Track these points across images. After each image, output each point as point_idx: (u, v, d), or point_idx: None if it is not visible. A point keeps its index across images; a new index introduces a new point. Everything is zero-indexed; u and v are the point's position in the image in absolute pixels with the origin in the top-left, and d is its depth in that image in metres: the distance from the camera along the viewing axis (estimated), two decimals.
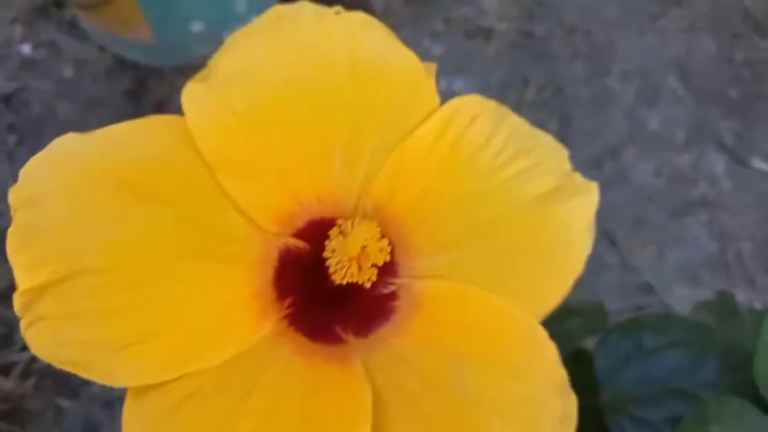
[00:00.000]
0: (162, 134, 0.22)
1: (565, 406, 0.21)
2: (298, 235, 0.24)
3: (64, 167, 0.20)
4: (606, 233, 0.90)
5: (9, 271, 0.67)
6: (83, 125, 0.94)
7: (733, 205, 0.94)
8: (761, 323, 0.32)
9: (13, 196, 0.20)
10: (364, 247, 0.22)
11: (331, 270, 0.23)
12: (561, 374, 0.21)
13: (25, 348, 0.81)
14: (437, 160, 0.24)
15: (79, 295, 0.19)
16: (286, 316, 0.23)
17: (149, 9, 0.84)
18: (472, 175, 0.24)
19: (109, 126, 0.21)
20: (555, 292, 0.23)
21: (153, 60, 0.96)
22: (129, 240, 0.20)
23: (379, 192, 0.24)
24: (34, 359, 0.81)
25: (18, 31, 0.98)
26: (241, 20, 0.97)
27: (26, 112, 0.94)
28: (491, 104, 0.24)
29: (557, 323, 0.23)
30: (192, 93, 0.22)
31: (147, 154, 0.21)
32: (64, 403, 0.80)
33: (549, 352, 0.22)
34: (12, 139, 0.92)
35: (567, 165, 0.24)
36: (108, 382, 0.19)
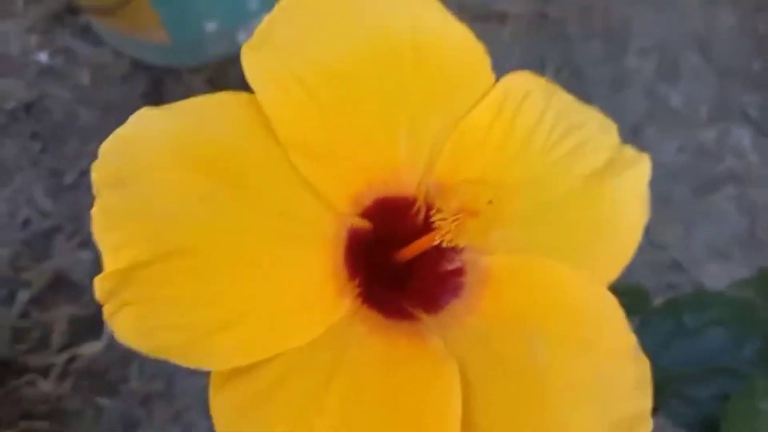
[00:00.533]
0: (237, 111, 0.21)
1: (639, 369, 0.22)
2: (364, 214, 0.24)
3: (146, 145, 0.20)
4: None
5: (41, 276, 0.68)
6: (104, 130, 0.94)
7: (760, 178, 0.93)
8: None
9: (97, 174, 0.19)
10: (491, 202, 0.22)
11: (435, 232, 0.23)
12: (631, 340, 0.22)
13: (62, 349, 0.83)
14: (495, 139, 0.24)
15: (165, 279, 0.19)
16: (358, 295, 0.23)
17: (163, 10, 0.84)
18: (529, 154, 0.24)
19: (184, 101, 0.21)
20: (618, 262, 0.24)
21: (169, 61, 0.96)
22: (213, 222, 0.20)
23: (442, 171, 0.24)
24: (71, 360, 0.83)
25: (34, 39, 0.99)
26: (255, 18, 0.97)
27: (47, 120, 0.95)
28: (541, 80, 0.25)
29: None
30: (253, 63, 0.22)
31: (224, 132, 0.21)
32: (103, 401, 0.81)
33: (618, 318, 0.22)
34: (36, 146, 0.93)
35: (616, 138, 0.25)
36: (200, 366, 0.19)
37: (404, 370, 0.22)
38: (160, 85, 0.96)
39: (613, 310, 0.22)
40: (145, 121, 0.20)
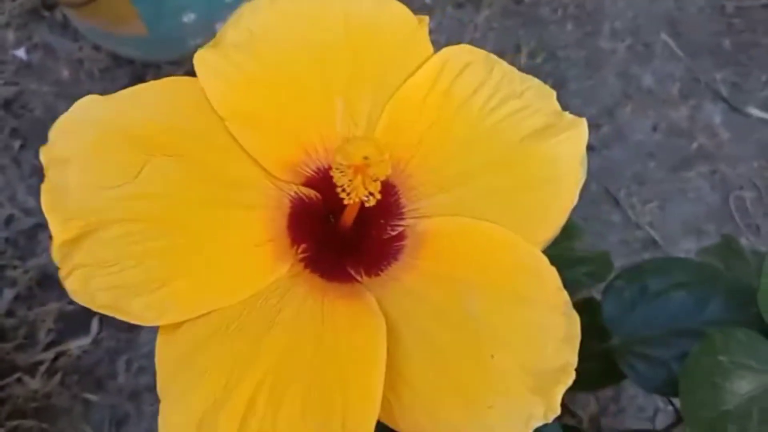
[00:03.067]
0: (177, 93, 0.24)
1: (569, 325, 0.22)
2: (308, 184, 0.25)
3: (88, 128, 0.22)
4: (608, 192, 0.90)
5: (26, 273, 0.68)
6: None
7: (732, 155, 0.95)
8: (765, 259, 0.33)
9: (44, 156, 0.22)
10: (366, 157, 0.23)
11: (339, 189, 0.24)
12: (563, 297, 0.23)
13: (48, 347, 0.83)
14: (432, 106, 0.25)
15: (109, 244, 0.21)
16: (301, 260, 0.24)
17: (140, 3, 0.84)
18: (466, 119, 0.25)
19: (127, 88, 0.23)
20: (552, 222, 0.25)
21: (148, 55, 0.96)
22: (152, 192, 0.22)
23: (380, 139, 0.25)
24: (58, 357, 0.83)
25: (11, 35, 0.98)
26: (232, 9, 0.97)
27: (28, 116, 0.94)
28: (481, 53, 0.26)
29: (564, 272, 0.24)
30: (203, 57, 0.24)
31: (164, 111, 0.23)
32: (91, 397, 0.81)
33: (551, 276, 0.23)
34: (16, 143, 0.93)
35: (556, 105, 0.26)
36: (140, 322, 0.21)
37: (336, 327, 0.23)
38: (141, 79, 0.96)
39: (546, 269, 0.23)
40: (90, 106, 0.22)
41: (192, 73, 0.24)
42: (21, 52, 0.97)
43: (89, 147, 0.22)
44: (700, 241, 0.89)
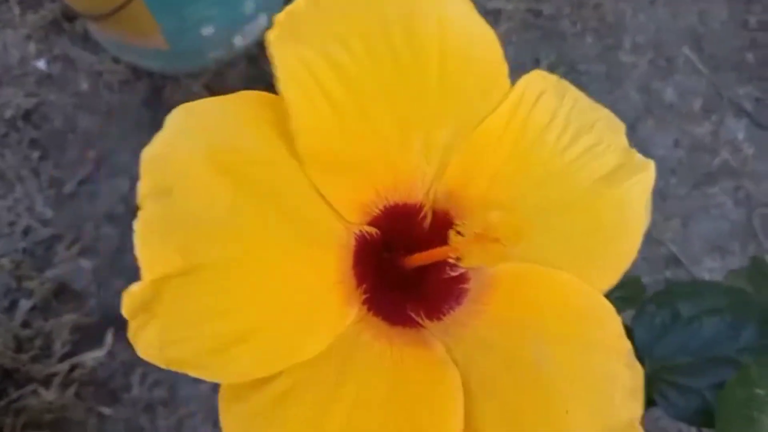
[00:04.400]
0: (259, 115, 0.21)
1: (634, 376, 0.22)
2: (372, 222, 0.24)
3: (183, 153, 0.19)
4: None
5: (43, 284, 0.68)
6: (104, 136, 0.95)
7: (756, 171, 0.93)
8: None
9: (142, 184, 0.19)
10: (499, 238, 0.21)
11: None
12: (627, 345, 0.22)
13: (63, 358, 0.83)
14: (508, 143, 0.24)
15: (191, 291, 0.19)
16: (364, 302, 0.23)
17: (161, 16, 0.84)
18: (540, 158, 0.24)
19: (211, 99, 0.20)
20: (618, 268, 0.24)
21: (167, 67, 0.96)
22: (238, 232, 0.20)
23: (452, 178, 0.24)
24: (73, 369, 0.83)
25: (32, 47, 0.99)
26: (250, 22, 0.98)
27: (47, 127, 0.95)
28: (552, 78, 0.25)
29: None
30: (280, 55, 0.21)
31: (248, 138, 0.20)
32: (106, 410, 0.81)
33: (615, 324, 0.22)
34: (35, 154, 0.93)
35: (625, 140, 0.25)
36: (215, 379, 0.19)
37: (408, 376, 0.22)
38: (160, 91, 0.96)
39: (609, 315, 0.23)
40: (179, 125, 0.20)
41: (209, 85, 0.23)
42: (41, 64, 0.98)
43: (182, 176, 0.19)
44: (724, 259, 0.87)
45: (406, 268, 0.25)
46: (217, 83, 0.94)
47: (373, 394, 0.21)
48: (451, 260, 0.24)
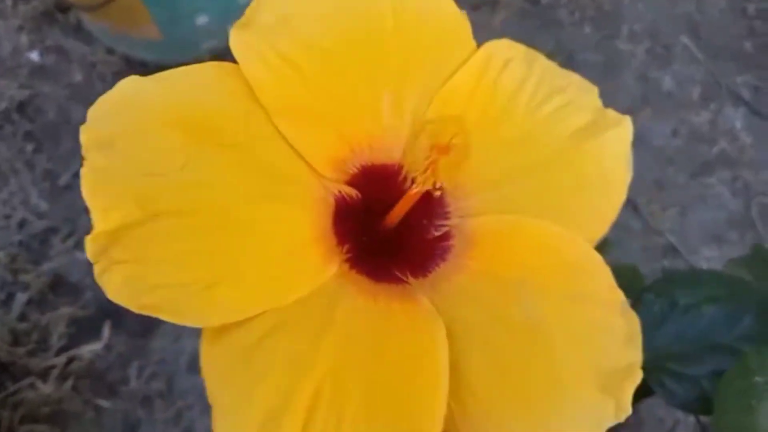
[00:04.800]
0: (221, 79, 0.22)
1: (629, 324, 0.22)
2: (351, 182, 0.24)
3: (133, 109, 0.20)
4: (627, 198, 0.89)
5: (39, 277, 0.67)
6: None
7: (754, 160, 0.93)
8: None
9: (85, 135, 0.19)
10: (454, 137, 0.22)
11: (405, 176, 0.23)
12: (618, 295, 0.22)
13: (60, 351, 0.83)
14: (478, 101, 0.25)
15: (154, 239, 0.19)
16: (346, 260, 0.23)
17: (154, 5, 0.84)
18: (512, 115, 0.25)
19: (170, 70, 0.21)
20: (602, 220, 0.24)
21: (161, 58, 0.96)
22: (200, 183, 0.20)
23: (425, 137, 0.24)
24: (70, 362, 0.83)
25: (25, 38, 0.98)
26: (244, 11, 0.97)
27: (41, 119, 0.94)
28: (521, 47, 0.25)
29: None
30: (239, 41, 0.22)
31: (210, 97, 0.21)
32: (103, 403, 0.81)
33: (604, 274, 0.22)
34: (30, 146, 0.93)
35: (598, 101, 0.25)
36: (186, 323, 0.19)
37: (393, 328, 0.22)
38: None
39: (599, 266, 0.23)
40: (132, 84, 0.20)
41: None
42: (34, 55, 0.97)
43: (135, 129, 0.20)
44: (722, 249, 0.87)
45: (388, 229, 0.25)
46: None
47: (357, 345, 0.21)
48: (439, 217, 0.25)
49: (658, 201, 0.90)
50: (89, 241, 0.19)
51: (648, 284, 0.38)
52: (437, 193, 0.23)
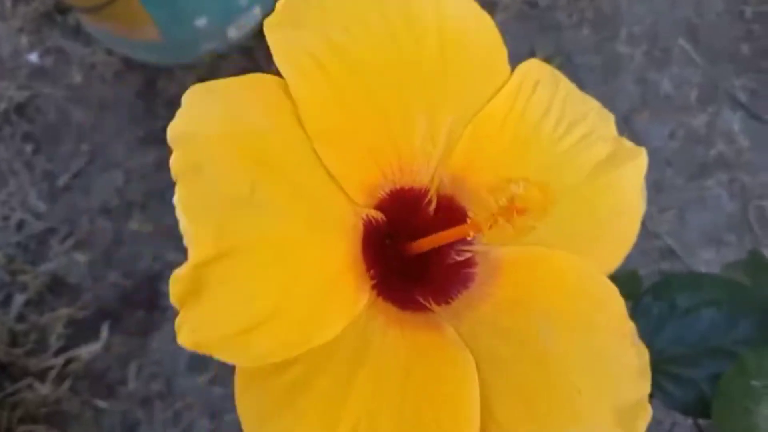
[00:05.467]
0: (271, 96, 0.21)
1: (640, 356, 0.22)
2: (378, 206, 0.24)
3: (210, 128, 0.19)
4: None
5: (37, 278, 0.67)
6: (98, 129, 0.95)
7: (751, 163, 0.93)
8: None
9: (178, 160, 0.18)
10: (525, 206, 0.21)
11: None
12: (631, 326, 0.22)
13: (58, 352, 0.83)
14: (509, 130, 0.25)
15: (230, 276, 0.18)
16: (373, 287, 0.22)
17: (153, 7, 0.84)
18: (538, 146, 0.25)
19: (226, 80, 0.20)
20: (618, 253, 0.24)
21: (161, 59, 0.96)
22: (260, 214, 0.19)
23: (457, 162, 0.24)
24: (68, 362, 0.82)
25: (25, 40, 0.98)
26: (244, 13, 0.97)
27: (40, 120, 0.94)
28: (547, 68, 0.25)
29: None
30: (278, 41, 0.21)
31: (261, 119, 0.20)
32: (101, 403, 0.81)
33: (619, 305, 0.23)
34: (29, 148, 0.93)
35: (614, 129, 0.25)
36: (238, 362, 0.19)
37: (422, 360, 0.22)
38: (153, 84, 0.96)
39: (614, 296, 0.23)
40: (199, 103, 0.19)
41: (203, 77, 0.23)
42: (34, 57, 0.97)
43: (217, 152, 0.19)
44: (720, 251, 0.88)
45: (410, 254, 0.24)
46: (211, 75, 0.93)
47: (389, 380, 0.21)
48: (462, 243, 0.24)
49: (655, 203, 0.90)
50: (177, 280, 0.17)
51: (647, 287, 0.38)
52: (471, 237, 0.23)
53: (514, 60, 0.26)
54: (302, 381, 0.20)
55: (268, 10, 0.22)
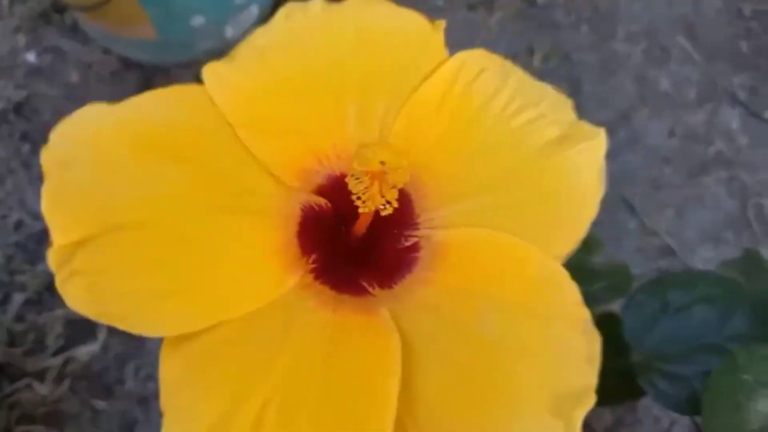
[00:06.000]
0: (185, 100, 0.23)
1: (589, 343, 0.22)
2: (320, 192, 0.24)
3: (92, 131, 0.21)
4: (623, 198, 0.89)
5: (35, 278, 0.68)
6: None
7: (750, 161, 0.93)
8: None
9: (45, 157, 0.21)
10: (383, 163, 0.22)
11: (354, 197, 0.24)
12: (583, 313, 0.22)
13: (57, 352, 0.83)
14: (448, 111, 0.25)
15: (112, 251, 0.20)
16: (311, 271, 0.23)
17: (150, 5, 0.84)
18: (483, 126, 0.25)
19: (135, 97, 0.22)
20: (571, 235, 0.24)
21: (157, 58, 0.96)
22: (157, 197, 0.21)
23: (395, 144, 0.24)
24: (67, 363, 0.82)
25: (21, 39, 0.98)
26: (241, 12, 0.97)
27: (37, 120, 0.94)
28: (497, 59, 0.25)
29: (583, 286, 0.23)
30: (213, 69, 0.24)
31: (170, 117, 0.22)
32: (99, 403, 0.81)
33: (570, 291, 0.22)
34: (26, 147, 0.93)
35: (572, 115, 0.25)
36: (143, 333, 0.20)
37: (348, 342, 0.22)
38: (150, 82, 0.96)
39: (565, 283, 0.23)
40: (95, 111, 0.22)
41: (200, 76, 0.24)
42: (31, 56, 0.97)
43: (94, 150, 0.21)
44: (718, 250, 0.87)
45: (358, 239, 0.25)
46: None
47: (311, 359, 0.21)
48: (407, 227, 0.25)
49: (654, 201, 0.90)
50: (51, 253, 0.20)
51: (640, 285, 0.38)
52: (386, 212, 0.23)
53: (512, 58, 0.26)
54: (218, 351, 0.21)
55: (266, 9, 0.24)
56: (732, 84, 0.97)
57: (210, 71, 0.24)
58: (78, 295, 0.20)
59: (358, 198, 0.23)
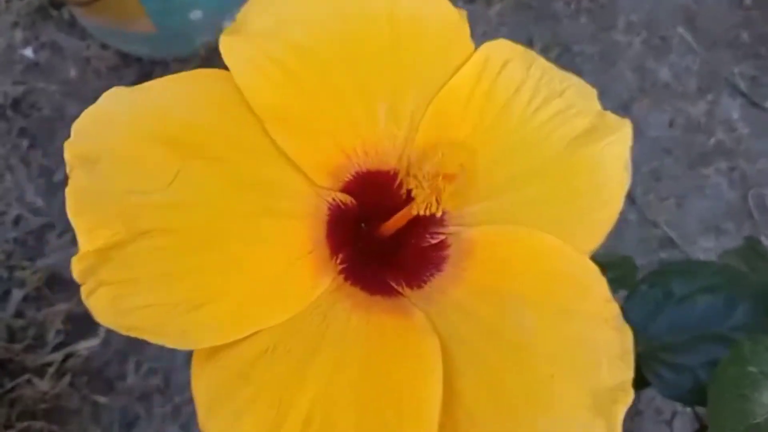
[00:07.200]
0: (210, 87, 0.21)
1: (622, 340, 0.21)
2: (346, 189, 0.23)
3: (118, 123, 0.20)
4: None
5: (35, 274, 0.67)
6: None
7: (751, 150, 0.93)
8: None
9: (70, 152, 0.19)
10: (461, 165, 0.21)
11: (404, 195, 0.23)
12: (614, 309, 0.22)
13: (57, 348, 0.83)
14: (475, 108, 0.24)
15: (141, 259, 0.19)
16: (341, 272, 0.22)
17: (148, 0, 0.83)
18: (509, 122, 0.24)
19: (156, 80, 0.21)
20: (599, 230, 0.23)
21: (155, 52, 0.95)
22: (187, 200, 0.20)
23: (423, 142, 0.24)
24: (67, 358, 0.82)
25: (19, 35, 0.98)
26: (239, 5, 0.96)
27: (36, 115, 0.94)
28: (519, 48, 0.25)
29: None
30: (230, 47, 0.21)
31: (196, 109, 0.21)
32: (100, 399, 0.81)
33: (600, 287, 0.22)
34: (24, 143, 0.92)
35: (597, 104, 0.24)
36: (177, 346, 0.19)
37: (386, 346, 0.21)
38: (149, 77, 0.94)
39: (595, 279, 0.22)
40: (117, 97, 0.20)
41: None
42: (29, 52, 0.97)
43: (119, 146, 0.19)
44: (719, 240, 0.87)
45: (384, 237, 0.24)
46: (206, 69, 0.93)
47: (349, 364, 0.20)
48: (435, 224, 0.24)
49: (654, 192, 0.90)
50: (76, 262, 0.18)
51: (643, 275, 0.38)
52: (437, 213, 0.23)
53: None
54: (255, 362, 0.19)
55: None
56: (733, 74, 0.97)
57: (229, 50, 0.21)
58: (105, 308, 0.18)
59: (410, 198, 0.23)
